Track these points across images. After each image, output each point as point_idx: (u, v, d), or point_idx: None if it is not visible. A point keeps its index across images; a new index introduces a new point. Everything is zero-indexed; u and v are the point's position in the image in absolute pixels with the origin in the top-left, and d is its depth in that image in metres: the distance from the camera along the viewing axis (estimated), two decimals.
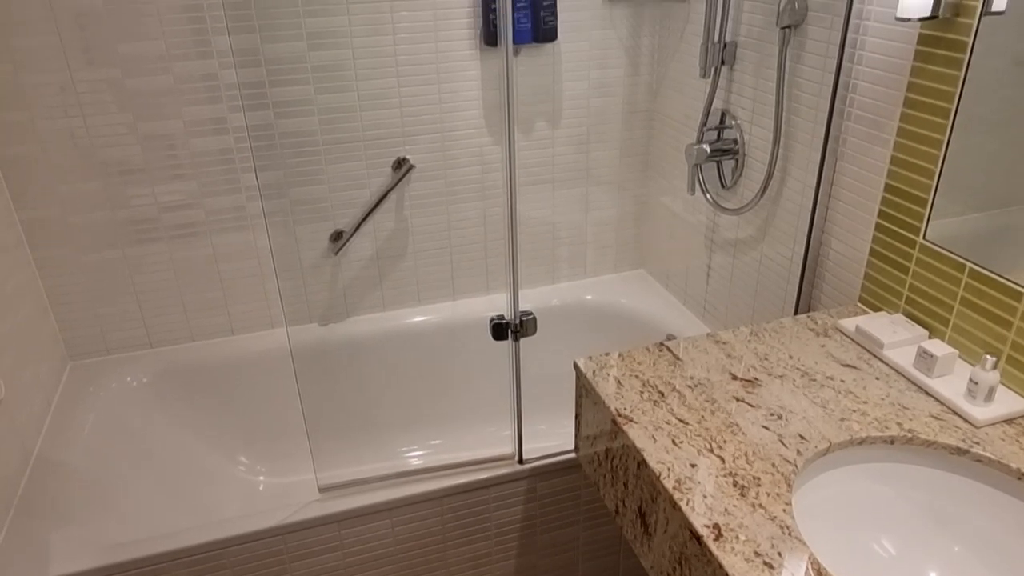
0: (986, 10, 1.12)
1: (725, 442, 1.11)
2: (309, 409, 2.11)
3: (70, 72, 1.68)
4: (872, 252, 1.42)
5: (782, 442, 1.10)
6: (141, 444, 1.85)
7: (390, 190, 2.00)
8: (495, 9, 1.83)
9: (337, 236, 2.03)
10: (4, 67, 1.64)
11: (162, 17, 1.69)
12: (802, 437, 1.11)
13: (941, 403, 1.18)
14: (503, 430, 2.24)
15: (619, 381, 1.26)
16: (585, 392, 1.31)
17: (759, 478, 1.03)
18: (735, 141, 1.77)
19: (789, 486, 1.02)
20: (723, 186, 1.86)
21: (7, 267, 1.68)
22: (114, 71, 1.71)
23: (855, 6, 1.34)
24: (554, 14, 1.87)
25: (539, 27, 1.87)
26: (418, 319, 2.18)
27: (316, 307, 2.11)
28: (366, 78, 1.87)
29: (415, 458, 2.18)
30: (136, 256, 1.90)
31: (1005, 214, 1.15)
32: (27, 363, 1.70)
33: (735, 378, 1.26)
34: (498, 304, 2.23)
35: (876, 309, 1.43)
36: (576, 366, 1.33)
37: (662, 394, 1.22)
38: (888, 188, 1.36)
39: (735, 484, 1.02)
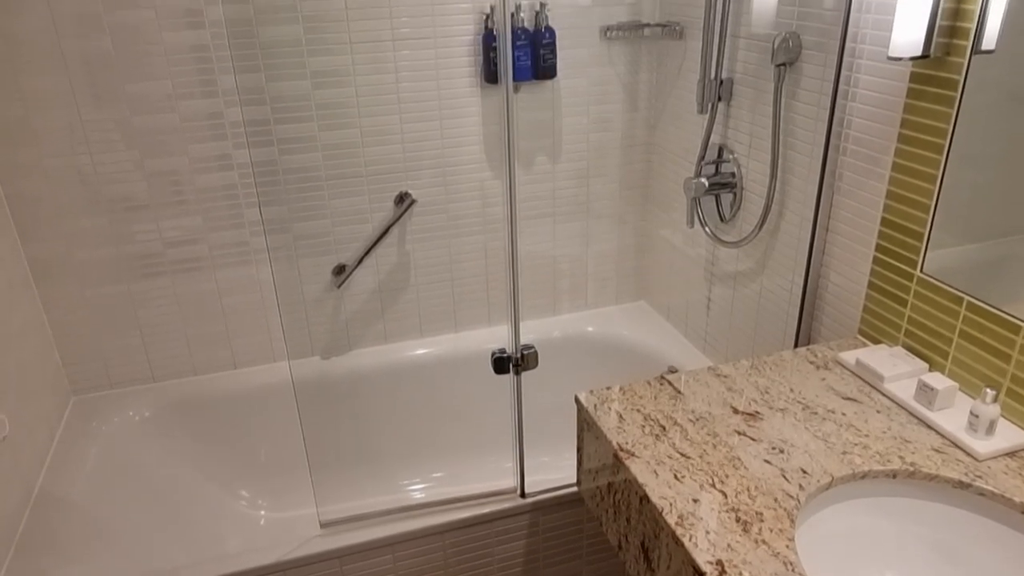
0: (976, 49, 1.15)
1: (727, 476, 1.11)
2: (311, 442, 2.11)
3: (78, 111, 1.71)
4: (870, 285, 1.43)
5: (784, 476, 1.10)
6: (143, 478, 1.84)
7: (392, 224, 2.02)
8: (495, 48, 1.87)
9: (339, 270, 2.05)
10: (14, 108, 1.67)
11: (169, 58, 1.72)
12: (804, 471, 1.11)
13: (943, 436, 1.18)
14: (505, 462, 2.23)
15: (620, 415, 1.27)
16: (587, 426, 1.31)
17: (762, 513, 1.03)
18: (733, 175, 1.79)
19: (792, 521, 1.01)
20: (722, 219, 1.87)
21: (13, 303, 1.69)
22: (122, 110, 1.74)
23: (848, 45, 1.37)
24: (553, 52, 1.91)
25: (539, 65, 1.90)
26: (420, 351, 2.18)
27: (318, 340, 2.12)
28: (369, 115, 1.90)
29: (417, 491, 2.17)
30: (140, 291, 1.91)
31: (1002, 244, 1.16)
32: (31, 398, 1.70)
33: (736, 412, 1.26)
34: (500, 335, 2.24)
35: (876, 341, 1.44)
36: (577, 400, 1.33)
37: (664, 428, 1.23)
38: (884, 222, 1.37)
39: (738, 519, 1.02)
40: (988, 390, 1.12)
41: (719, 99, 1.78)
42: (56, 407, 1.85)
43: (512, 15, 1.87)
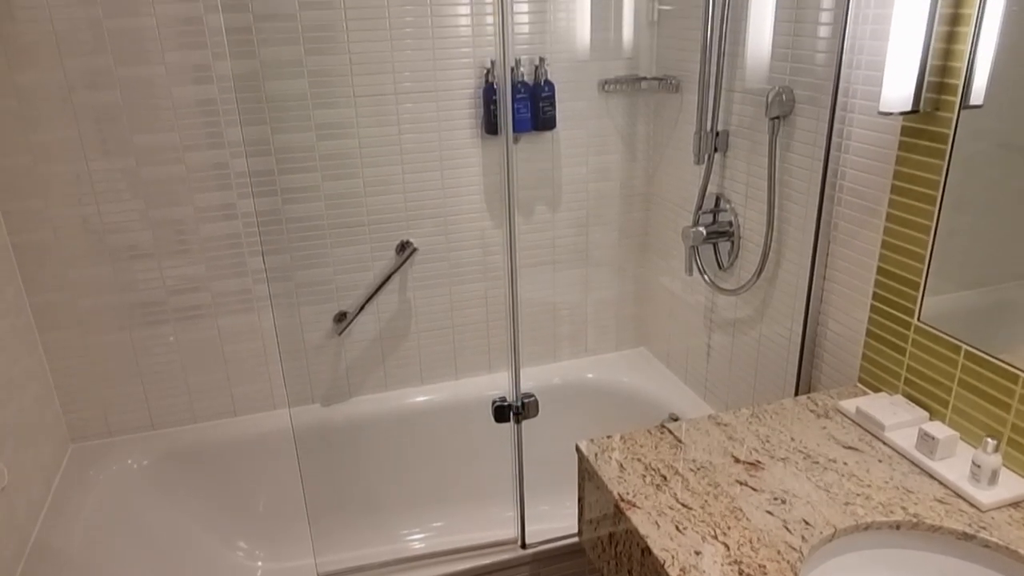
0: (964, 104, 1.18)
1: (729, 528, 1.10)
2: (310, 491, 2.09)
3: (87, 162, 1.75)
4: (869, 333, 1.44)
5: (787, 528, 1.09)
6: (139, 528, 1.82)
7: (393, 272, 2.04)
8: (496, 100, 1.92)
9: (341, 317, 2.06)
10: (23, 159, 1.71)
11: (177, 111, 1.76)
12: (807, 523, 1.10)
13: (945, 486, 1.18)
14: (506, 511, 2.20)
15: (621, 464, 1.26)
16: (588, 475, 1.30)
17: (764, 566, 1.02)
18: (730, 224, 1.82)
19: (795, 574, 1.01)
20: (720, 267, 1.89)
21: (15, 351, 1.70)
22: (129, 161, 1.77)
23: (840, 99, 1.41)
24: (552, 105, 1.95)
25: (538, 116, 1.95)
26: (420, 399, 2.18)
27: (319, 387, 2.12)
28: (372, 165, 1.94)
29: (416, 541, 2.14)
30: (142, 338, 1.92)
31: (998, 291, 1.18)
32: (29, 447, 1.69)
33: (737, 461, 1.26)
34: (500, 382, 2.24)
35: (876, 390, 1.44)
36: (578, 449, 1.33)
37: (665, 478, 1.22)
38: (881, 271, 1.39)
39: (740, 572, 1.01)
40: (989, 440, 1.12)
41: (715, 150, 1.82)
42: (54, 455, 1.84)
43: (512, 69, 1.93)
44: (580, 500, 1.36)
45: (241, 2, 1.72)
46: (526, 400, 1.51)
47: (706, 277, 1.91)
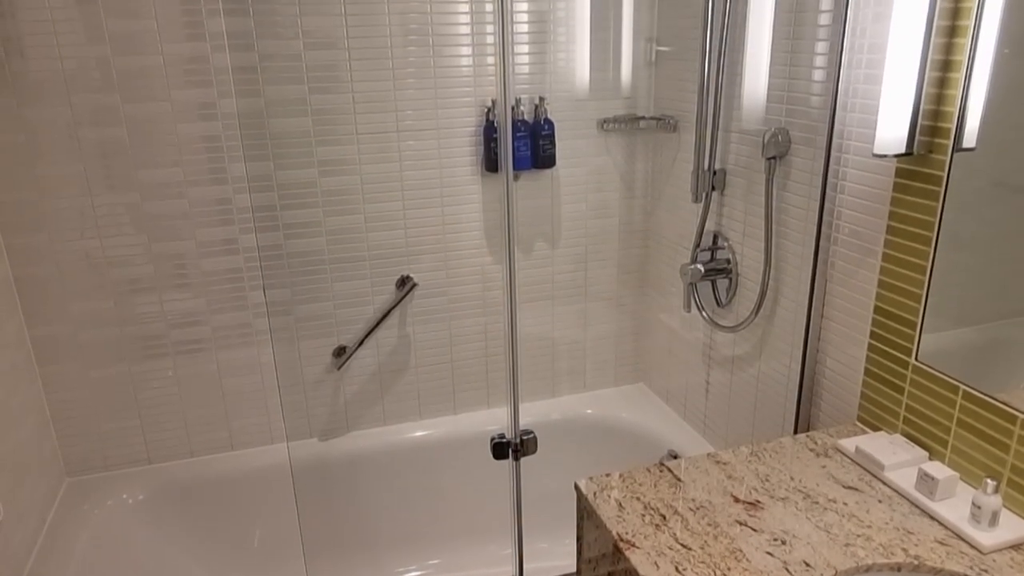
0: (957, 147, 1.20)
1: (729, 569, 1.09)
2: (307, 527, 2.07)
3: (91, 197, 1.76)
4: (867, 372, 1.44)
5: (787, 570, 1.09)
6: (133, 564, 1.80)
7: (393, 307, 2.04)
8: (496, 138, 1.94)
9: (340, 351, 2.06)
10: (28, 193, 1.72)
11: (181, 147, 1.79)
12: (807, 564, 1.10)
13: (946, 528, 1.17)
14: (504, 548, 2.18)
15: (620, 503, 1.26)
16: (586, 514, 1.30)
17: None
18: (728, 261, 1.83)
19: None
20: (718, 304, 1.90)
21: (14, 384, 1.70)
22: (133, 196, 1.79)
23: (835, 141, 1.43)
24: (552, 143, 1.98)
25: (538, 154, 1.97)
26: (419, 433, 2.17)
27: (317, 422, 2.11)
28: (373, 201, 1.96)
29: None
30: (141, 372, 1.92)
31: (995, 328, 1.18)
32: (25, 481, 1.68)
33: (737, 500, 1.26)
34: (499, 417, 2.23)
35: (875, 428, 1.44)
36: (577, 487, 1.32)
37: (664, 517, 1.22)
38: (878, 310, 1.40)
39: None
40: (989, 480, 1.12)
41: (713, 188, 1.84)
42: (49, 489, 1.83)
43: (512, 108, 1.96)
44: (579, 539, 1.35)
45: (247, 43, 1.76)
46: (525, 437, 1.51)
47: (704, 314, 1.91)
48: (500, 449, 1.52)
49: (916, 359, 1.32)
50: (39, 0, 1.61)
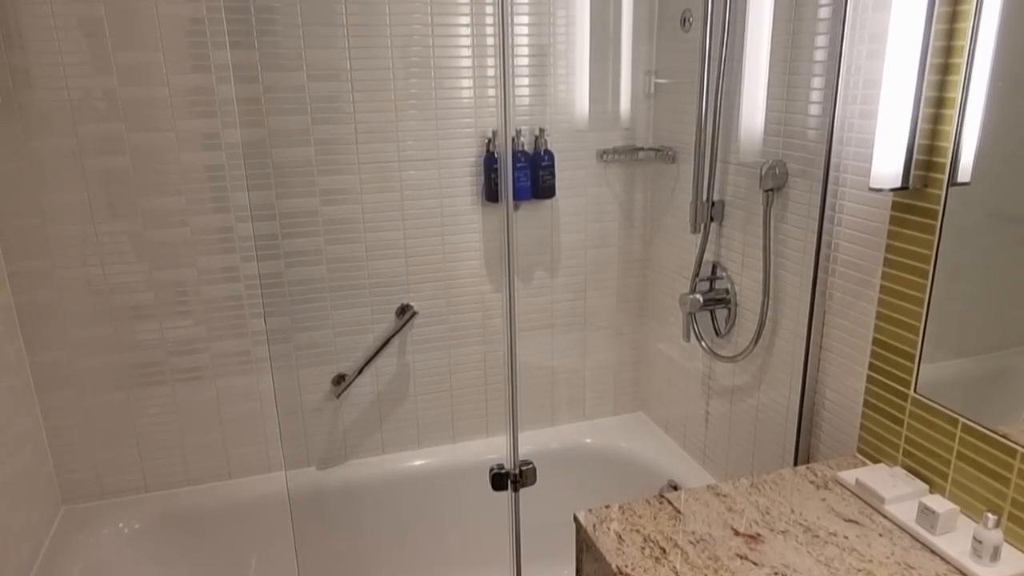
0: (952, 182, 1.22)
1: None
2: (304, 558, 2.05)
3: (94, 225, 1.78)
4: (866, 403, 1.44)
5: None
6: None
7: (393, 335, 2.05)
8: (496, 169, 1.96)
9: (339, 379, 2.06)
10: (32, 220, 1.74)
11: (185, 176, 1.80)
12: None
13: (947, 562, 1.16)
14: None
15: (620, 536, 1.25)
16: (586, 547, 1.29)
17: None
18: (727, 291, 1.84)
19: None
20: (717, 334, 1.91)
21: (12, 410, 1.69)
22: (135, 224, 1.80)
23: (832, 174, 1.45)
24: (552, 173, 2.00)
25: (538, 185, 1.99)
26: (417, 462, 2.16)
27: (315, 450, 2.10)
28: (374, 230, 1.97)
29: None
30: (140, 399, 1.92)
31: (993, 359, 1.19)
32: (20, 509, 1.67)
33: (737, 533, 1.25)
34: (498, 446, 2.22)
35: (875, 460, 1.44)
36: (576, 519, 1.31)
37: (664, 550, 1.21)
38: (876, 342, 1.40)
39: None
40: (989, 515, 1.12)
41: (711, 219, 1.85)
42: (45, 518, 1.82)
43: (513, 139, 1.98)
44: (578, 571, 1.34)
45: (252, 74, 1.78)
46: (524, 468, 1.50)
47: (704, 344, 1.92)
48: (499, 480, 1.51)
49: (915, 391, 1.32)
50: (49, 33, 1.64)
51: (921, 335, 1.30)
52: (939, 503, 1.21)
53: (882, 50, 1.32)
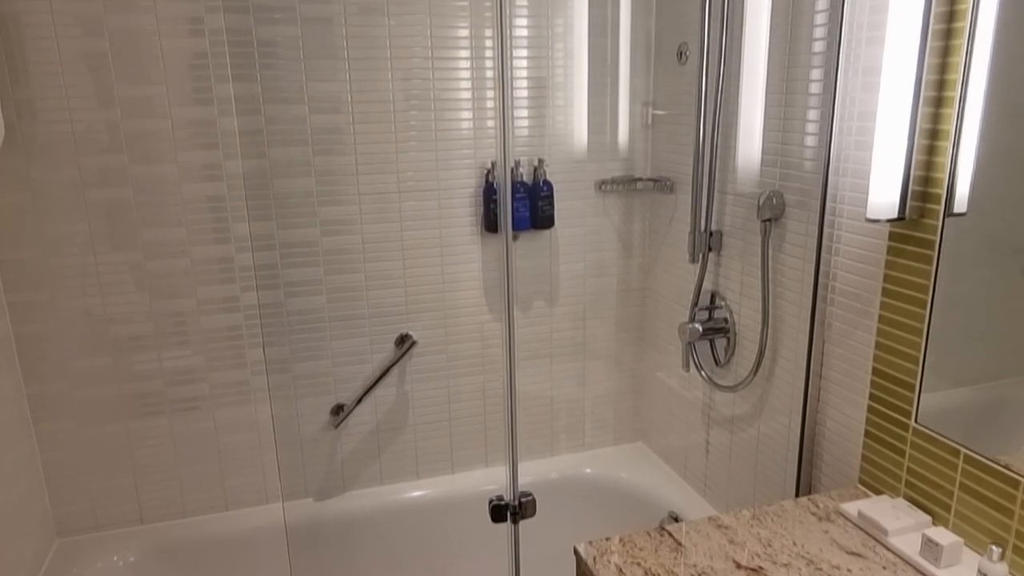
0: (948, 212, 1.23)
1: None
2: None
3: (95, 255, 1.78)
4: (867, 434, 1.44)
5: None
6: None
7: (392, 365, 2.04)
8: (495, 199, 1.98)
9: (338, 409, 2.05)
10: (33, 251, 1.74)
11: (186, 207, 1.81)
12: None
13: None
14: None
15: (620, 569, 1.24)
16: None
17: None
18: (726, 320, 1.84)
19: None
20: (717, 363, 1.90)
21: (8, 442, 1.68)
22: (136, 254, 1.81)
23: (828, 204, 1.46)
24: (551, 204, 2.01)
25: (537, 215, 2.00)
26: (416, 493, 2.14)
27: (313, 481, 2.09)
28: (373, 260, 1.98)
29: None
30: (137, 430, 1.91)
31: (994, 388, 1.19)
32: (14, 541, 1.65)
33: (739, 567, 1.24)
34: (497, 477, 2.21)
35: (877, 492, 1.43)
36: (576, 552, 1.30)
37: None
38: (876, 372, 1.40)
39: None
40: (994, 547, 1.11)
41: (710, 249, 1.86)
42: (38, 551, 1.80)
43: (512, 170, 1.99)
44: None
45: (254, 107, 1.80)
46: (523, 499, 1.49)
47: (703, 373, 1.91)
48: (499, 512, 1.50)
49: (916, 421, 1.32)
50: (54, 67, 1.66)
51: (921, 365, 1.30)
52: (943, 535, 1.20)
53: (876, 83, 1.34)
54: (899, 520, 1.29)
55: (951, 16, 1.19)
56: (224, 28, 1.74)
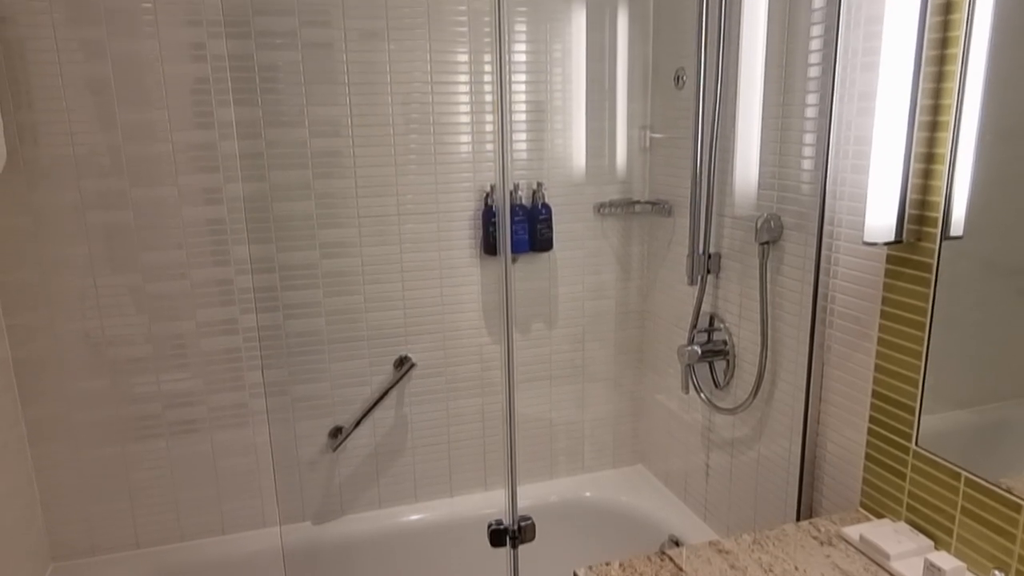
0: (945, 235, 1.23)
1: None
2: None
3: (94, 278, 1.78)
4: (868, 457, 1.43)
5: None
6: None
7: (391, 387, 2.04)
8: (495, 222, 1.98)
9: (336, 432, 2.04)
10: (32, 274, 1.74)
11: (186, 230, 1.82)
12: None
13: None
14: None
15: None
16: None
17: None
18: (725, 343, 1.84)
19: None
20: (716, 385, 1.90)
21: (4, 464, 1.67)
22: (135, 277, 1.81)
23: (826, 227, 1.47)
24: (550, 227, 2.02)
25: (536, 238, 2.01)
26: (414, 517, 2.13)
27: (311, 504, 2.07)
28: (373, 282, 1.98)
29: None
30: (135, 453, 1.90)
31: (994, 410, 1.18)
32: (8, 566, 1.64)
33: None
34: (496, 500, 2.19)
35: (878, 515, 1.42)
36: None
37: None
38: (876, 394, 1.40)
39: None
40: (997, 572, 1.10)
41: (708, 271, 1.86)
42: (33, 575, 1.78)
43: (511, 193, 2.01)
44: None
45: (255, 130, 1.81)
46: (523, 523, 1.48)
47: (703, 395, 1.91)
48: (498, 537, 1.49)
49: (916, 444, 1.32)
50: (56, 91, 1.68)
51: (921, 387, 1.30)
52: (945, 560, 1.19)
53: (871, 108, 1.35)
54: (901, 544, 1.28)
55: (945, 41, 1.20)
56: (226, 54, 1.76)
